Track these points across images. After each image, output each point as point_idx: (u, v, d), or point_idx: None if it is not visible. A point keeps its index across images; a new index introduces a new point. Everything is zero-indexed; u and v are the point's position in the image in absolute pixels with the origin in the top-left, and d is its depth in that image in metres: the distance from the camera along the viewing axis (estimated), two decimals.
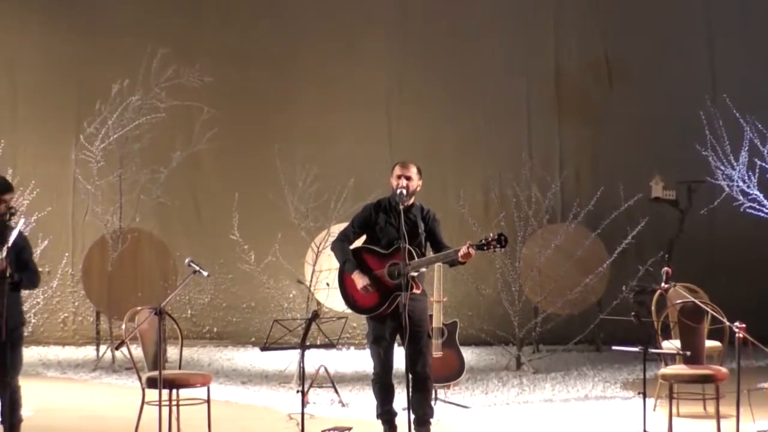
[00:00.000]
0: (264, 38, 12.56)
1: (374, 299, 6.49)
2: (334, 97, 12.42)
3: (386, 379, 6.64)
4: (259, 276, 10.78)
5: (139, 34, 12.00)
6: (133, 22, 12.33)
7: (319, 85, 12.45)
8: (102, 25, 12.42)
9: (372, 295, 6.47)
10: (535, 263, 10.71)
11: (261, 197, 11.58)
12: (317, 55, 12.49)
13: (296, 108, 12.42)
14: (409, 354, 6.36)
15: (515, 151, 11.97)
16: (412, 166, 6.65)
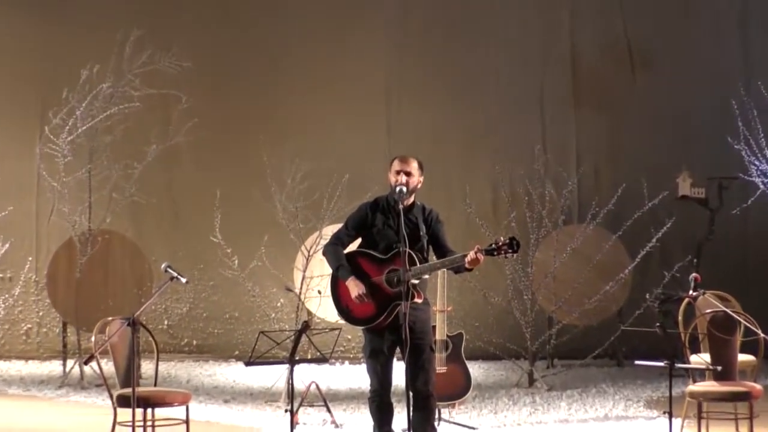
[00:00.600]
0: (249, 20, 12.57)
1: (371, 309, 6.48)
2: (327, 85, 12.42)
3: (384, 397, 6.63)
4: (244, 283, 10.78)
5: (111, 14, 12.02)
6: (104, 1, 12.32)
7: (311, 70, 12.46)
8: (69, 4, 12.42)
9: (368, 305, 6.47)
10: (549, 269, 10.70)
11: (245, 195, 11.58)
12: (308, 38, 12.50)
13: (285, 96, 12.43)
14: (409, 369, 6.35)
15: (527, 144, 11.97)
16: (413, 160, 6.64)
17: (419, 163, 6.65)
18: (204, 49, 12.27)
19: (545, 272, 10.72)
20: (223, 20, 12.56)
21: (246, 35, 12.57)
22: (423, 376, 6.51)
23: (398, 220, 6.44)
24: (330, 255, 6.67)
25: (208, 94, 12.16)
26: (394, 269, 6.43)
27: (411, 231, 6.50)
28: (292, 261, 10.99)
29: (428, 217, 6.67)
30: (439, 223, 6.69)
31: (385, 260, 6.51)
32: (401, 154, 6.77)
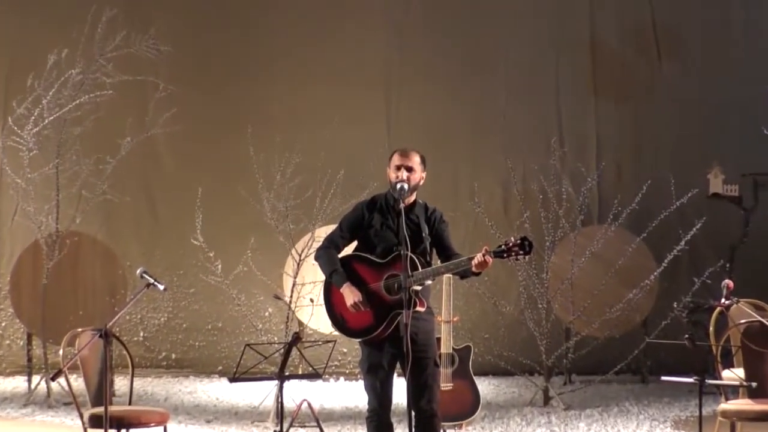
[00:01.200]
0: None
1: (368, 319, 6.46)
2: (320, 71, 12.42)
3: (384, 417, 6.61)
4: (228, 290, 10.76)
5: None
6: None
7: (303, 56, 12.46)
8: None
9: (366, 314, 6.45)
10: (566, 274, 10.70)
11: (230, 193, 11.59)
12: (301, 20, 12.50)
13: (274, 84, 12.42)
14: (412, 386, 6.33)
15: (542, 137, 11.97)
16: (415, 154, 6.62)
17: (421, 157, 6.64)
18: (185, 31, 12.28)
19: (562, 278, 10.71)
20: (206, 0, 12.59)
21: (232, 16, 12.57)
22: (426, 393, 6.50)
23: (398, 221, 6.44)
24: (323, 260, 6.66)
25: (189, 81, 12.15)
26: (394, 274, 6.42)
27: (412, 232, 6.48)
28: (282, 266, 10.99)
29: (431, 216, 6.66)
30: (444, 224, 6.68)
31: (384, 265, 6.50)
32: (400, 147, 6.76)
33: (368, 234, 6.62)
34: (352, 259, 6.64)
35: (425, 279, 6.41)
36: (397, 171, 6.57)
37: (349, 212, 6.78)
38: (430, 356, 6.55)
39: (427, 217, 6.64)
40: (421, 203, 6.68)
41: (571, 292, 10.85)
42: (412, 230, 6.50)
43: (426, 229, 6.58)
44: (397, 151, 6.68)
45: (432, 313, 6.69)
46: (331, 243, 6.69)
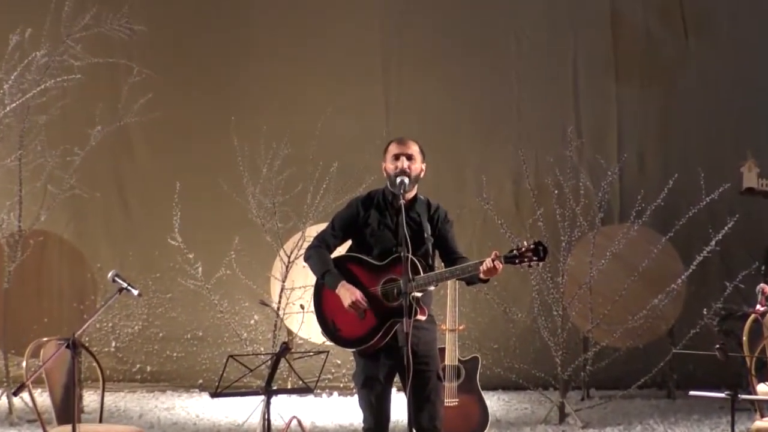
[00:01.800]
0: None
1: (364, 327, 6.46)
2: (311, 54, 12.40)
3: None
4: (209, 295, 10.76)
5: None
6: None
7: (292, 36, 12.44)
8: None
9: (361, 322, 6.45)
10: (584, 278, 10.70)
11: (211, 188, 11.58)
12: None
13: (260, 67, 12.41)
14: (412, 402, 6.34)
15: (557, 125, 11.96)
16: (413, 143, 6.63)
17: (420, 147, 6.65)
18: (161, 9, 12.25)
19: (579, 282, 10.71)
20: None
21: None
22: (428, 410, 6.49)
23: (398, 219, 6.43)
24: (314, 260, 6.65)
25: (167, 65, 12.14)
26: (393, 279, 6.41)
27: (413, 232, 6.47)
28: (269, 269, 10.99)
29: (434, 215, 6.65)
30: (448, 223, 6.68)
31: (382, 268, 6.49)
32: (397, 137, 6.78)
33: (364, 234, 6.62)
34: (347, 260, 6.63)
35: (428, 285, 6.40)
36: (395, 161, 6.56)
37: (343, 209, 6.77)
38: (433, 369, 6.54)
39: (430, 215, 6.63)
40: (422, 199, 6.67)
41: (590, 298, 10.84)
42: (413, 230, 6.49)
43: (428, 228, 6.57)
44: (393, 140, 6.70)
45: (434, 322, 6.69)
46: (321, 242, 6.69)
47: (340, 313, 6.51)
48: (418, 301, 6.38)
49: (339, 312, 6.51)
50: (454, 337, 8.76)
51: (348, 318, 6.50)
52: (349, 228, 6.68)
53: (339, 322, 6.55)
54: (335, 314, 6.55)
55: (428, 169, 6.72)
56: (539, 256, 6.21)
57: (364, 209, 6.66)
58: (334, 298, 6.52)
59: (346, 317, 6.50)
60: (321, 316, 6.64)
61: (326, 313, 6.61)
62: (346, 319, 6.51)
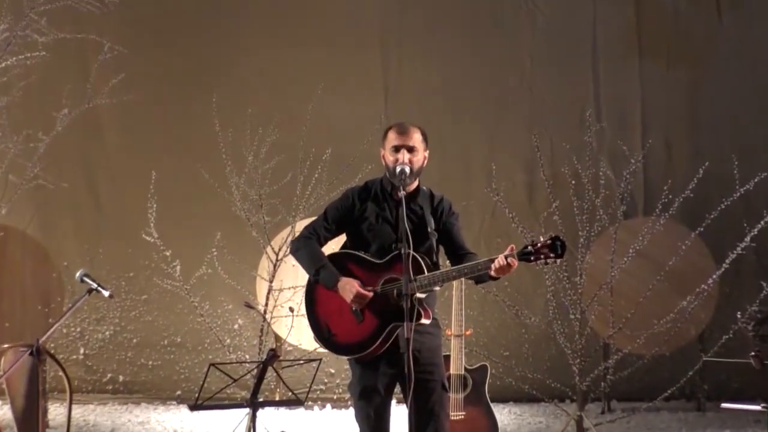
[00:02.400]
0: None
1: (362, 331, 6.45)
2: (302, 29, 12.39)
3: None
4: (188, 297, 10.76)
5: None
6: None
7: (281, 10, 12.43)
8: None
9: (358, 326, 6.44)
10: (604, 278, 10.69)
11: (191, 178, 11.58)
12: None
13: (246, 44, 12.40)
14: (414, 415, 6.33)
15: (574, 108, 11.96)
16: (415, 130, 6.61)
17: (423, 134, 6.63)
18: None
19: (599, 283, 10.69)
20: None
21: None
22: (433, 424, 6.49)
23: (398, 212, 6.41)
24: (304, 253, 6.63)
25: (141, 41, 12.14)
26: (393, 278, 6.39)
27: (415, 226, 6.46)
28: (255, 267, 10.99)
29: (438, 207, 6.64)
30: (453, 216, 6.67)
31: (381, 266, 6.48)
32: (399, 121, 6.74)
33: (360, 228, 6.61)
34: (343, 257, 6.62)
35: (433, 284, 6.37)
36: (395, 153, 6.55)
37: (337, 200, 6.76)
38: (437, 378, 6.54)
39: (434, 207, 6.63)
40: (425, 190, 6.66)
41: (611, 300, 10.84)
42: (415, 224, 6.48)
43: (432, 222, 6.56)
44: (393, 127, 6.66)
45: (439, 326, 6.68)
46: (312, 233, 6.68)
47: (336, 316, 6.50)
48: (421, 303, 6.36)
49: (334, 314, 6.50)
50: (460, 343, 8.75)
51: (344, 322, 6.49)
52: (343, 220, 6.67)
53: (334, 326, 6.54)
54: (330, 317, 6.53)
55: (431, 157, 6.70)
56: (556, 253, 6.17)
57: (360, 201, 6.65)
58: (329, 299, 6.51)
59: (342, 321, 6.49)
60: (314, 319, 6.62)
61: (319, 316, 6.59)
62: (342, 323, 6.49)
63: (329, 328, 6.56)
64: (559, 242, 6.18)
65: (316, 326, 6.62)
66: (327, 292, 6.52)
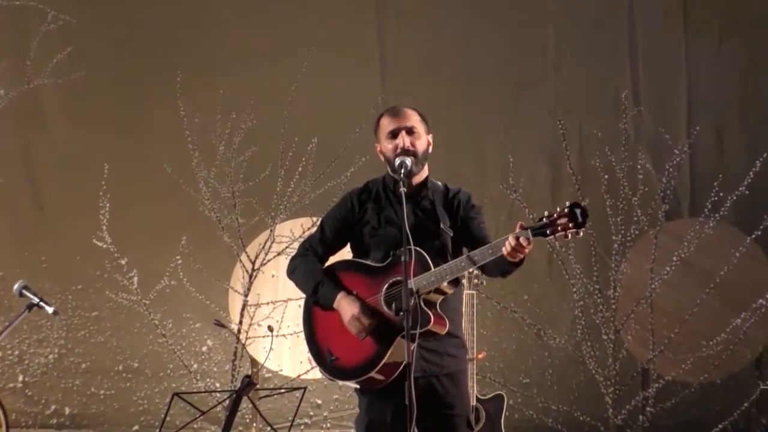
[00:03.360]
0: None
1: (366, 350, 6.41)
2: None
3: None
4: (148, 314, 10.75)
5: None
6: None
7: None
8: None
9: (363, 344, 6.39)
10: (643, 290, 10.68)
11: (150, 171, 11.55)
12: None
13: (216, 13, 12.38)
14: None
15: (608, 89, 11.95)
16: (411, 111, 6.63)
17: (421, 115, 6.65)
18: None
19: (637, 297, 10.69)
20: None
21: None
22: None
23: (409, 207, 6.39)
24: (300, 273, 6.66)
25: (92, 9, 12.10)
26: (398, 281, 6.35)
27: (423, 223, 6.43)
28: (227, 278, 10.96)
29: (453, 200, 6.63)
30: (473, 209, 6.64)
31: (382, 269, 6.47)
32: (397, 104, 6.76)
33: (361, 234, 6.64)
34: (338, 267, 6.63)
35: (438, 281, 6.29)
36: (392, 139, 6.55)
37: (334, 207, 6.82)
38: (460, 413, 6.53)
39: (447, 201, 6.62)
40: (435, 183, 6.66)
41: (651, 317, 10.81)
42: (423, 220, 6.44)
43: (446, 218, 6.54)
44: (385, 113, 6.69)
45: (464, 347, 6.64)
46: (309, 249, 6.71)
47: (337, 336, 6.49)
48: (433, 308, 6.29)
49: (335, 335, 6.50)
50: (472, 368, 8.75)
51: (346, 341, 6.47)
52: (343, 230, 6.69)
53: (336, 349, 6.52)
54: (331, 338, 6.53)
55: (436, 147, 6.69)
56: (576, 221, 6.02)
57: (359, 204, 6.68)
58: (328, 318, 6.52)
59: (344, 341, 6.48)
60: (314, 345, 6.61)
61: (319, 340, 6.58)
62: (344, 343, 6.47)
63: (331, 351, 6.54)
64: (579, 209, 6.03)
65: (318, 353, 6.61)
66: (324, 312, 6.55)
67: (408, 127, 6.55)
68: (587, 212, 6.03)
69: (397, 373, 6.32)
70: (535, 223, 6.11)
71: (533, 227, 6.08)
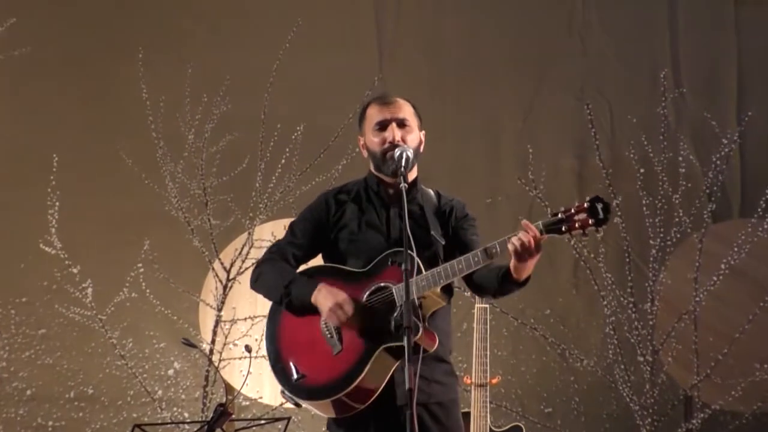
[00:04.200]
0: None
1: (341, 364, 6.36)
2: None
3: None
4: (104, 332, 10.73)
5: None
6: None
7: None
8: None
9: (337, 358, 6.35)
10: (686, 304, 10.66)
11: (107, 164, 11.53)
12: None
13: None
14: None
15: (644, 67, 11.93)
16: (404, 102, 6.60)
17: (415, 109, 6.63)
18: None
19: (678, 311, 10.68)
20: None
21: None
22: None
23: (389, 214, 6.44)
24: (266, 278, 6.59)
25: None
26: (382, 287, 6.33)
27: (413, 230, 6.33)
28: (197, 289, 10.94)
29: (445, 207, 6.63)
30: (466, 220, 6.63)
31: (364, 274, 6.43)
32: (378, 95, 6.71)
33: (337, 240, 6.59)
34: (315, 272, 6.57)
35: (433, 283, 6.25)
36: (380, 132, 6.52)
37: (307, 207, 6.75)
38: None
39: (439, 208, 6.62)
40: (429, 191, 6.66)
41: (695, 335, 10.80)
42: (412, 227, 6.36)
43: (437, 225, 6.54)
44: (373, 102, 6.66)
45: (454, 374, 6.61)
46: (276, 254, 6.65)
47: (305, 351, 6.45)
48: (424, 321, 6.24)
49: (302, 349, 6.45)
50: (484, 395, 8.73)
51: (316, 356, 6.42)
52: (316, 234, 6.63)
53: (303, 365, 6.45)
54: (296, 353, 6.47)
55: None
56: (597, 217, 6.04)
57: (337, 204, 6.64)
58: (295, 328, 6.46)
59: (314, 355, 6.42)
60: (276, 358, 6.52)
61: (282, 355, 6.50)
62: (313, 359, 6.42)
63: (297, 368, 6.46)
64: (601, 203, 6.04)
65: (281, 371, 6.51)
66: (292, 320, 6.47)
67: (399, 119, 6.52)
68: (609, 207, 6.05)
69: (372, 400, 6.29)
70: (550, 219, 6.10)
71: (548, 223, 6.08)
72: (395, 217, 6.40)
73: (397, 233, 6.32)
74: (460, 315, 10.30)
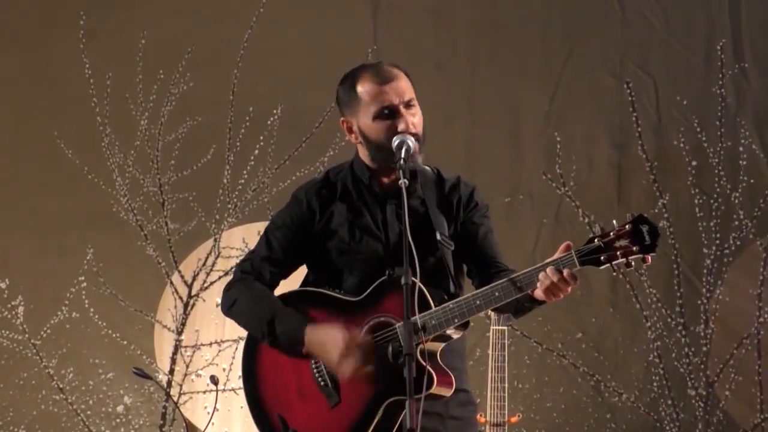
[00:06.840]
0: None
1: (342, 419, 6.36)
2: None
3: None
4: (38, 359, 10.76)
5: None
6: None
7: None
8: None
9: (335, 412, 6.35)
10: (748, 326, 10.69)
11: (42, 155, 11.56)
12: None
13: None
14: None
15: (697, 36, 11.96)
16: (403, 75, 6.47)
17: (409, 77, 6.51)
18: None
19: (739, 334, 10.70)
20: None
21: None
22: None
23: (386, 215, 6.42)
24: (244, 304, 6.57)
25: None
26: (383, 323, 6.32)
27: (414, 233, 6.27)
28: (152, 308, 10.96)
29: (451, 196, 6.57)
30: (477, 210, 6.58)
31: (359, 305, 6.40)
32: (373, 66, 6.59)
33: (326, 250, 6.57)
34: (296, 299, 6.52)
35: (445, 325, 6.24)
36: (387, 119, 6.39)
37: (282, 210, 6.70)
38: None
39: (444, 197, 6.57)
40: (427, 171, 6.58)
41: (759, 365, 10.82)
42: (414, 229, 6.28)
43: (443, 224, 6.50)
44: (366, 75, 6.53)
45: (473, 402, 6.63)
46: (250, 271, 6.62)
47: (293, 399, 6.45)
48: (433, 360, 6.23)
49: (290, 397, 6.45)
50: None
51: (309, 407, 6.43)
52: (297, 244, 6.58)
53: (293, 417, 6.46)
54: (282, 402, 6.47)
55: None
56: (643, 244, 5.97)
57: (320, 204, 6.58)
58: (279, 369, 6.46)
59: (305, 405, 6.43)
60: (258, 405, 6.54)
61: (266, 399, 6.52)
62: (305, 410, 6.43)
63: (284, 421, 6.48)
64: (647, 225, 5.98)
65: (262, 419, 6.53)
66: (275, 357, 6.46)
67: (407, 101, 6.43)
68: (657, 230, 5.96)
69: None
70: (585, 246, 6.07)
71: (581, 252, 6.06)
72: (393, 218, 6.38)
73: (396, 237, 6.32)
74: (472, 339, 10.27)
